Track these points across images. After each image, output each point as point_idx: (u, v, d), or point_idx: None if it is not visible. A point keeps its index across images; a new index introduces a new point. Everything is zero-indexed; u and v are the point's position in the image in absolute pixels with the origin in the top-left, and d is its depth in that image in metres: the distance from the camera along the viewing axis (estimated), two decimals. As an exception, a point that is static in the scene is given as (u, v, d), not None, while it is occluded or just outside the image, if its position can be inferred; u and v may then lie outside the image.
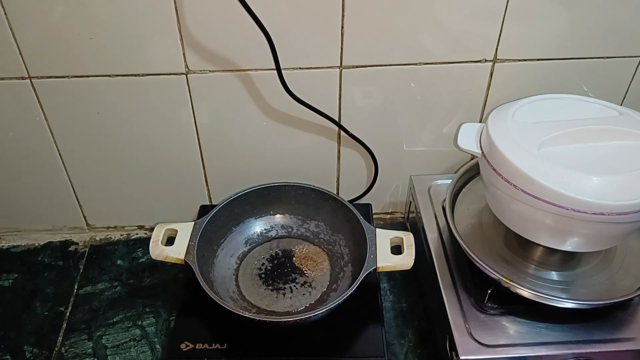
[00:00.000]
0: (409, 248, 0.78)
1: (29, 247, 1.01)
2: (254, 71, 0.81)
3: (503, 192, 0.69)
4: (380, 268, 0.77)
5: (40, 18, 0.75)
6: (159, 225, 0.80)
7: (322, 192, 0.88)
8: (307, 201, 0.89)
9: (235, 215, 0.88)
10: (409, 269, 0.77)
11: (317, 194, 0.88)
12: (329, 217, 0.89)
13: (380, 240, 0.79)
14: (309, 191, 0.89)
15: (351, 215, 0.84)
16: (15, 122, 0.86)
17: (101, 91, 0.82)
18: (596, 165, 0.66)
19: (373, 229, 0.81)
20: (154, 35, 0.77)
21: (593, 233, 0.67)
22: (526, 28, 0.80)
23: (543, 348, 0.69)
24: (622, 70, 0.85)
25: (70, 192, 0.96)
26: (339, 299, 0.72)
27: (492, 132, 0.70)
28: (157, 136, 0.89)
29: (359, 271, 0.76)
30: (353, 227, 0.83)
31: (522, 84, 0.85)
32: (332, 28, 0.78)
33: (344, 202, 0.85)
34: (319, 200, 0.88)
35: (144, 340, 0.85)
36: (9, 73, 0.80)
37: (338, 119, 0.88)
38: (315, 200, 0.89)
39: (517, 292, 0.71)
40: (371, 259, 0.77)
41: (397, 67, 0.82)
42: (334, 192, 0.88)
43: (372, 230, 0.81)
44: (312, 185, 0.88)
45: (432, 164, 0.96)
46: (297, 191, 0.89)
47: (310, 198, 0.89)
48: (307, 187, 0.88)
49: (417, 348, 0.83)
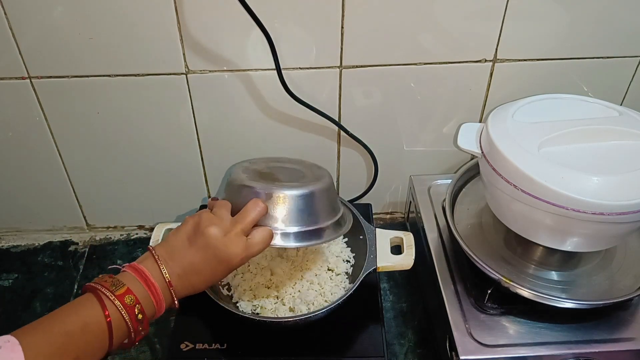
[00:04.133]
0: (409, 248, 0.78)
1: (29, 247, 1.01)
2: (254, 71, 0.81)
3: (503, 192, 0.69)
4: (380, 268, 0.77)
5: (40, 18, 0.75)
6: (159, 225, 0.80)
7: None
8: None
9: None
10: (409, 269, 0.77)
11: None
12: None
13: (380, 240, 0.79)
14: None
15: (351, 215, 0.84)
16: (15, 122, 0.86)
17: (101, 91, 0.82)
18: (596, 165, 0.66)
19: (373, 228, 0.81)
20: (154, 35, 0.77)
21: (593, 233, 0.67)
22: (526, 28, 0.80)
23: (543, 348, 0.69)
24: (622, 70, 0.85)
25: (70, 192, 0.96)
26: (339, 299, 0.72)
27: (492, 132, 0.70)
28: (157, 136, 0.89)
29: (359, 271, 0.76)
30: (352, 227, 0.83)
31: (522, 84, 0.85)
32: (332, 28, 0.78)
33: (343, 202, 0.85)
34: None
35: (143, 340, 0.84)
36: (9, 73, 0.80)
37: (338, 119, 0.88)
38: None
39: (517, 292, 0.71)
40: (371, 259, 0.77)
41: (397, 67, 0.82)
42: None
43: (372, 230, 0.81)
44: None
45: (432, 164, 0.96)
46: None
47: None
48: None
49: (417, 348, 0.84)
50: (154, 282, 0.60)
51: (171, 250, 0.63)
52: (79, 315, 0.56)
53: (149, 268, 0.61)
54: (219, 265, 0.63)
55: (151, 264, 0.62)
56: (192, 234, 0.64)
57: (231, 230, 0.64)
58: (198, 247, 0.63)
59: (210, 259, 0.63)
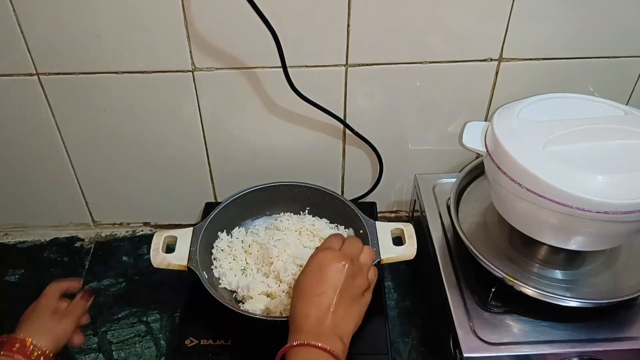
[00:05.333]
0: (410, 238, 0.79)
1: (35, 243, 1.01)
2: (260, 69, 0.82)
3: (508, 191, 0.69)
4: (384, 260, 0.77)
5: (48, 15, 0.75)
6: (158, 232, 0.79)
7: (319, 189, 0.88)
8: (303, 198, 0.90)
9: (233, 217, 0.88)
10: (412, 258, 0.78)
11: (313, 191, 0.89)
12: (328, 214, 0.89)
13: (381, 233, 0.80)
14: (304, 189, 0.89)
15: (349, 210, 0.85)
16: (23, 118, 0.86)
17: (108, 88, 0.83)
18: (601, 164, 0.65)
19: (372, 222, 0.82)
20: (160, 33, 0.77)
21: (597, 232, 0.67)
22: (532, 27, 0.80)
23: (547, 346, 0.69)
24: (628, 69, 0.85)
25: (76, 188, 0.96)
26: None
27: (497, 131, 0.70)
28: (163, 133, 0.89)
29: None
30: (352, 222, 0.84)
31: (527, 83, 0.85)
32: (338, 26, 0.78)
33: (341, 198, 0.86)
34: (316, 197, 0.89)
35: (148, 336, 0.85)
36: (17, 69, 0.80)
37: (343, 117, 0.88)
38: (311, 197, 0.89)
39: (521, 290, 0.71)
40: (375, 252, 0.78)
41: (403, 66, 0.83)
42: (333, 189, 0.88)
43: (372, 223, 0.82)
44: (307, 184, 0.89)
45: (437, 162, 0.96)
46: (292, 190, 0.89)
47: (306, 196, 0.89)
48: (303, 185, 0.89)
49: (421, 346, 0.84)
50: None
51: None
52: None
53: None
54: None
55: None
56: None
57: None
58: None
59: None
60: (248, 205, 0.89)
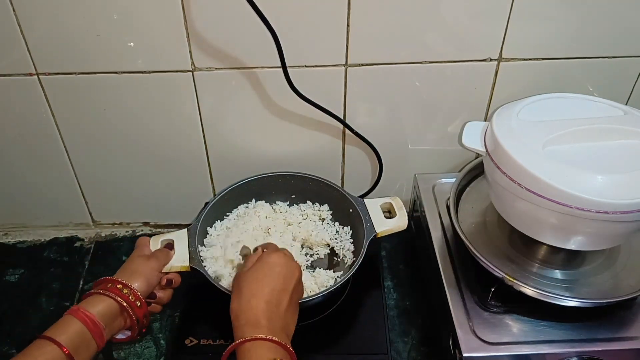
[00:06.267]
0: (400, 210, 0.83)
1: (35, 242, 1.01)
2: (260, 69, 0.82)
3: (507, 191, 0.69)
4: (379, 234, 0.80)
5: (48, 15, 0.75)
6: (154, 238, 0.79)
7: (300, 175, 0.90)
8: (287, 186, 0.91)
9: (224, 211, 0.89)
10: (404, 229, 0.81)
11: (297, 179, 0.90)
12: (315, 199, 0.91)
13: (371, 209, 0.83)
14: (288, 178, 0.90)
15: (336, 193, 0.87)
16: (22, 118, 0.86)
17: (108, 88, 0.83)
18: (600, 164, 0.66)
19: (361, 200, 0.85)
20: (160, 33, 0.77)
21: (597, 232, 0.67)
22: (531, 27, 0.80)
23: (546, 346, 0.69)
24: (627, 69, 0.85)
25: (76, 188, 0.97)
26: (348, 273, 0.75)
27: (497, 131, 0.70)
28: (163, 133, 0.89)
29: (361, 245, 0.78)
30: (341, 203, 0.87)
31: (527, 83, 0.85)
32: (338, 26, 0.78)
33: (326, 182, 0.88)
34: (300, 183, 0.90)
35: (148, 336, 0.85)
36: (17, 69, 0.80)
37: (343, 117, 0.88)
38: (296, 184, 0.91)
39: (521, 290, 0.71)
40: (369, 227, 0.80)
41: (403, 66, 0.83)
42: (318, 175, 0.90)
43: (361, 201, 0.84)
44: (290, 172, 0.90)
45: (437, 162, 0.96)
46: (276, 180, 0.90)
47: (290, 184, 0.91)
48: (286, 174, 0.90)
49: (420, 346, 0.84)
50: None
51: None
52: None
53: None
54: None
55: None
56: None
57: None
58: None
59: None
60: (235, 199, 0.90)
